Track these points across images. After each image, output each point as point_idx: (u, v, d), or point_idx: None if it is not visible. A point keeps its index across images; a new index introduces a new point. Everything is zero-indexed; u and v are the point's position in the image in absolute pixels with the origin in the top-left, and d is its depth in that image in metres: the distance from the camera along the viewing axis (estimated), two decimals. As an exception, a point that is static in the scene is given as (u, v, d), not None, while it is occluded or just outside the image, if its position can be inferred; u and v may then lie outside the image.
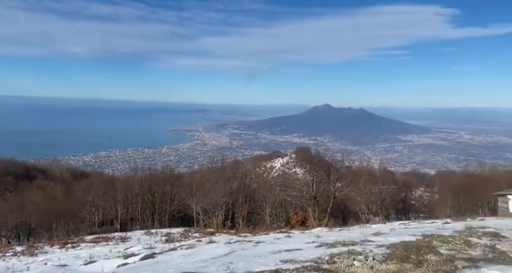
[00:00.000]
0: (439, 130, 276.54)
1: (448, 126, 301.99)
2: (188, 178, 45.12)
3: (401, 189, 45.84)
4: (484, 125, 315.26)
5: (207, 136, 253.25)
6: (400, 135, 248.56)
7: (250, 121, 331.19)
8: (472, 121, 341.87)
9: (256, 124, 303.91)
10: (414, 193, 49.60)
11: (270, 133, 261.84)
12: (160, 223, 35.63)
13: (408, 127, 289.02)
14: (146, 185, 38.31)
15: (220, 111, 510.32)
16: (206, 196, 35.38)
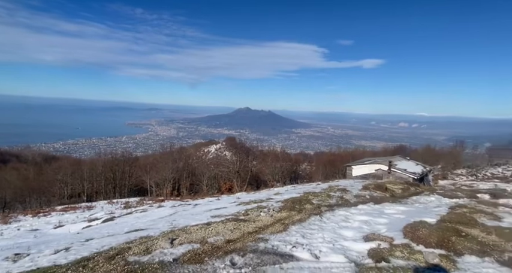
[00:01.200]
0: (317, 126, 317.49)
1: (321, 123, 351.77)
2: (143, 160, 45.03)
3: (294, 164, 51.12)
4: (341, 123, 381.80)
5: (159, 129, 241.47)
6: (293, 129, 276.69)
7: (193, 118, 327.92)
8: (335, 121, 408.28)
9: (197, 120, 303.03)
10: (301, 166, 55.19)
11: (207, 127, 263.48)
12: (121, 195, 35.43)
13: (299, 124, 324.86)
14: (108, 166, 37.65)
15: (169, 110, 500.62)
16: (158, 173, 36.23)
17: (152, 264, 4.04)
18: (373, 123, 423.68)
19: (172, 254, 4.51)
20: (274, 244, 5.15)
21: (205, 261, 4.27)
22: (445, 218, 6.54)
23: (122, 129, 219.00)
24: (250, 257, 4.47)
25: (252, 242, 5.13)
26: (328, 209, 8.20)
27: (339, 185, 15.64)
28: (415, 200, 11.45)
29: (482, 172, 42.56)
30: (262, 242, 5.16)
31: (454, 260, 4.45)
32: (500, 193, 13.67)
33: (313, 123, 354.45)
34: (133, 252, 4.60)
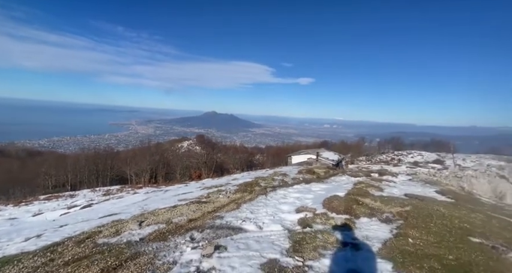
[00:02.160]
0: (267, 126, 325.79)
1: (271, 124, 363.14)
2: (124, 154, 40.57)
3: (250, 155, 51.84)
4: (285, 124, 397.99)
5: (139, 128, 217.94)
6: (250, 128, 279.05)
7: (168, 119, 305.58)
8: (280, 122, 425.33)
9: (172, 121, 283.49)
10: (255, 157, 55.43)
11: (180, 126, 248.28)
12: (103, 184, 31.53)
13: (254, 124, 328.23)
14: (91, 159, 33.64)
15: (148, 112, 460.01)
16: (137, 165, 33.57)
17: (119, 244, 3.61)
18: (307, 124, 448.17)
19: (139, 234, 4.09)
20: (228, 220, 5.01)
21: (169, 238, 3.96)
22: (350, 192, 7.06)
23: (105, 128, 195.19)
24: (207, 232, 4.27)
25: (210, 220, 4.92)
26: (272, 190, 8.22)
27: (281, 170, 15.64)
28: (333, 180, 12.12)
29: (374, 158, 47.45)
30: (219, 219, 4.98)
31: (354, 222, 4.81)
32: (384, 172, 15.27)
33: (265, 124, 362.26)
34: (104, 235, 4.07)
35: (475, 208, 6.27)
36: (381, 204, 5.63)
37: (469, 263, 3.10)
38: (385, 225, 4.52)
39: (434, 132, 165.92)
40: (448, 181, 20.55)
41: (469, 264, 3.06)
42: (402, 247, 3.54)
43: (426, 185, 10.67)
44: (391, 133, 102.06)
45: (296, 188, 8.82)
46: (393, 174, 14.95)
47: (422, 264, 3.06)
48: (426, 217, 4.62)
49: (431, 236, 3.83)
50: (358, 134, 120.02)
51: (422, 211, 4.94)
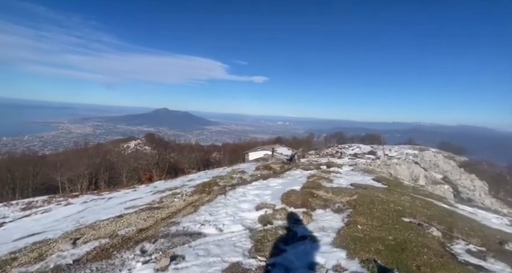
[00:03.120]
0: (224, 124, 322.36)
1: (227, 122, 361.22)
2: (53, 158, 33.67)
3: (206, 154, 50.25)
4: (241, 121, 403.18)
5: (72, 127, 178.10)
6: (206, 126, 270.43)
7: (111, 117, 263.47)
8: (237, 119, 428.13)
9: (115, 119, 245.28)
10: (212, 155, 54.06)
11: (126, 125, 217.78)
12: (23, 195, 26.34)
13: (210, 122, 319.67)
14: (4, 166, 26.95)
15: (85, 108, 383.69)
16: (71, 170, 28.08)
17: (44, 272, 2.89)
18: (262, 121, 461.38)
19: (73, 256, 3.37)
20: (185, 225, 4.62)
21: (113, 255, 3.38)
22: (305, 185, 7.44)
23: (25, 128, 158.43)
24: (161, 242, 3.83)
25: (164, 227, 4.45)
26: (231, 188, 8.00)
27: (239, 168, 15.42)
28: (288, 174, 12.63)
29: (322, 151, 52.03)
30: (174, 226, 4.55)
31: (310, 214, 5.05)
32: (331, 164, 16.77)
33: (221, 121, 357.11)
34: (20, 263, 3.23)
35: (403, 191, 7.41)
36: (332, 195, 6.08)
37: (404, 240, 3.57)
38: (338, 215, 4.88)
39: (369, 127, 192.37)
40: (380, 169, 23.96)
41: (404, 242, 3.52)
42: (353, 234, 3.85)
43: (365, 174, 12.12)
44: (335, 129, 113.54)
45: (255, 185, 8.84)
46: (338, 166, 16.53)
47: (369, 247, 3.37)
48: (370, 204, 5.20)
49: (375, 221, 4.29)
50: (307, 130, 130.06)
51: (366, 199, 5.55)
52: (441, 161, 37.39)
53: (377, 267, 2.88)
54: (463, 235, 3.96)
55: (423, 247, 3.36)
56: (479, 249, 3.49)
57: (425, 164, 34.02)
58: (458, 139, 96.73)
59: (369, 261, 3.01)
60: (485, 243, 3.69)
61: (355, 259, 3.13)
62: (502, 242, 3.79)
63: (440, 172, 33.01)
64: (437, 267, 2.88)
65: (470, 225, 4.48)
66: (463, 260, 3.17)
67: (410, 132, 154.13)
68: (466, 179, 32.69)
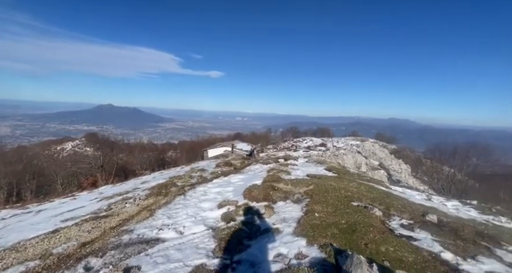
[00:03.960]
0: (179, 121, 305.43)
1: (183, 118, 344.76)
2: None
3: (161, 153, 47.19)
4: (198, 117, 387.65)
5: None
6: (159, 123, 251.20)
7: (38, 114, 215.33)
8: (193, 116, 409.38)
9: (44, 117, 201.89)
10: (168, 154, 51.21)
11: (59, 124, 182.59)
12: None
13: (164, 119, 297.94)
14: None
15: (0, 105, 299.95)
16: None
17: None
18: (220, 117, 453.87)
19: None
20: (140, 232, 4.20)
21: (48, 280, 2.82)
22: (265, 179, 7.61)
23: None
24: (111, 254, 3.38)
25: (114, 238, 3.95)
26: (191, 188, 7.64)
27: (198, 166, 14.95)
28: (249, 169, 12.74)
29: (279, 145, 54.31)
30: (127, 234, 4.08)
31: (272, 207, 5.19)
32: (288, 157, 17.65)
33: (176, 118, 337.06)
34: None
35: (350, 178, 8.30)
36: (291, 187, 6.38)
37: (354, 223, 3.99)
38: (297, 205, 5.15)
39: (319, 121, 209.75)
40: (330, 159, 26.36)
41: (354, 224, 3.93)
42: (311, 222, 4.12)
43: (318, 164, 13.12)
44: (291, 124, 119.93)
45: (216, 183, 8.64)
46: (295, 158, 17.50)
47: (326, 233, 3.66)
48: (324, 192, 5.64)
49: (330, 207, 4.68)
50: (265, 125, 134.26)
51: (321, 188, 6.00)
52: (377, 149, 43.46)
53: (333, 250, 3.14)
54: (397, 212, 4.66)
55: (369, 227, 3.81)
56: (409, 223, 4.16)
57: (366, 153, 39.04)
58: (389, 130, 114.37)
59: (326, 246, 3.25)
60: (413, 217, 4.43)
61: (315, 245, 3.34)
62: (424, 214, 4.61)
63: (377, 159, 38.36)
64: (380, 242, 3.30)
65: (402, 203, 5.32)
66: (399, 233, 3.73)
67: (353, 125, 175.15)
68: (395, 164, 38.85)
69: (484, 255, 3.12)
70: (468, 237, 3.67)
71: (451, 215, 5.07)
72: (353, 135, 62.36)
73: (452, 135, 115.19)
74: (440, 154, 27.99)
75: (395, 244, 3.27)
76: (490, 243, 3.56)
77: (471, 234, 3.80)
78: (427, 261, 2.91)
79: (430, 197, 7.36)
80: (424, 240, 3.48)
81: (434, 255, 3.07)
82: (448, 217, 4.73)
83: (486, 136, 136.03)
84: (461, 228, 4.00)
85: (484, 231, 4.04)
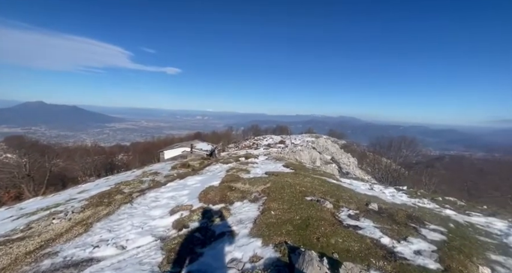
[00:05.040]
0: (131, 120, 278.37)
1: (135, 118, 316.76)
2: None
3: (109, 156, 42.42)
4: (153, 117, 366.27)
5: None
6: (106, 123, 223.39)
7: None
8: (148, 115, 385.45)
9: None
10: (118, 157, 46.62)
11: None
12: None
13: (112, 118, 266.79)
14: None
15: None
16: None
17: None
18: (178, 116, 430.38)
19: None
20: (68, 254, 3.49)
21: None
22: (223, 180, 7.36)
23: None
24: (23, 289, 2.69)
25: (29, 265, 3.18)
26: (140, 194, 6.86)
27: (152, 169, 13.81)
28: (208, 170, 12.24)
29: (240, 144, 54.44)
30: (49, 259, 3.34)
31: (229, 209, 4.99)
32: (249, 155, 17.70)
33: (128, 117, 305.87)
34: None
35: (306, 174, 8.68)
36: (249, 186, 6.28)
37: (307, 218, 4.09)
38: (254, 204, 5.06)
39: (278, 120, 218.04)
40: (288, 156, 27.52)
41: (307, 219, 4.04)
42: (267, 220, 4.07)
43: (277, 161, 13.46)
44: (252, 122, 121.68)
45: (170, 187, 7.99)
46: (255, 156, 17.64)
47: (281, 230, 3.64)
48: (281, 189, 5.71)
49: (285, 204, 4.73)
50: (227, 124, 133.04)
51: (278, 185, 6.07)
52: (330, 145, 47.36)
53: (287, 248, 3.12)
54: (345, 203, 5.00)
55: (321, 220, 3.95)
56: (355, 212, 4.49)
57: (320, 148, 42.13)
58: (340, 127, 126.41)
59: (281, 245, 3.22)
60: (358, 207, 4.81)
61: (270, 245, 3.28)
62: (367, 203, 5.06)
63: (329, 154, 41.78)
64: (331, 235, 3.44)
65: (349, 194, 5.76)
66: (347, 224, 3.97)
67: (309, 122, 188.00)
68: (345, 158, 43.01)
69: (413, 236, 3.54)
70: (401, 221, 4.14)
71: (388, 201, 5.71)
72: (309, 132, 66.62)
73: (388, 131, 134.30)
74: (380, 147, 32.14)
75: (343, 235, 3.44)
76: (417, 224, 4.08)
77: (403, 218, 4.30)
78: (369, 248, 3.13)
79: (372, 187, 8.23)
80: (367, 228, 3.77)
81: (375, 242, 3.33)
82: (386, 204, 5.30)
83: (412, 131, 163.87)
84: (396, 213, 4.50)
85: (413, 213, 4.63)
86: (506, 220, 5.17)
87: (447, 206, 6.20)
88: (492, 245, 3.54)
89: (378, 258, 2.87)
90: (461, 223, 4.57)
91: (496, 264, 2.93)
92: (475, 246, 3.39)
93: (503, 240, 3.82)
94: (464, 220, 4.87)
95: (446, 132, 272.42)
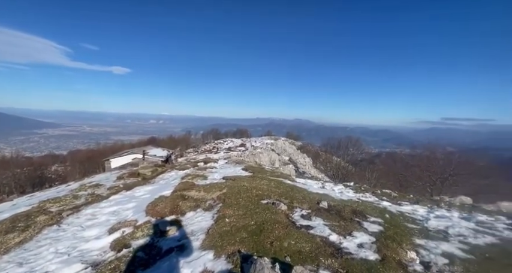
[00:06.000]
0: (69, 125, 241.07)
1: (75, 123, 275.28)
2: None
3: (38, 168, 35.73)
4: (98, 121, 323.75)
5: None
6: (36, 130, 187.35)
7: None
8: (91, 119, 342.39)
9: None
10: (51, 169, 39.64)
11: None
12: None
13: (43, 123, 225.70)
14: None
15: None
16: None
17: None
18: (129, 120, 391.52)
19: None
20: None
21: None
22: (176, 188, 6.81)
23: None
24: None
25: None
26: (73, 212, 5.81)
27: (92, 181, 12.06)
28: (161, 178, 11.29)
29: (200, 148, 52.56)
30: None
31: (180, 220, 4.58)
32: (208, 160, 17.06)
33: (64, 122, 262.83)
34: None
35: (263, 176, 8.74)
36: (204, 193, 5.94)
37: (262, 222, 4.03)
38: (208, 213, 4.77)
39: (238, 123, 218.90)
40: (249, 158, 27.65)
41: (262, 223, 3.97)
42: (221, 229, 3.85)
43: (237, 165, 13.30)
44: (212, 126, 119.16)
45: (113, 200, 7.01)
46: (215, 160, 17.11)
47: (235, 239, 3.48)
48: (237, 194, 5.55)
49: (241, 210, 4.59)
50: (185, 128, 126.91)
51: (234, 190, 5.90)
52: (287, 146, 49.64)
53: (240, 257, 2.97)
54: (299, 204, 5.15)
55: (275, 223, 3.93)
56: (307, 212, 4.65)
57: (279, 150, 43.72)
58: (296, 129, 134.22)
59: (234, 254, 3.05)
60: (310, 206, 5.00)
61: (222, 256, 3.08)
62: (318, 202, 5.33)
63: (287, 155, 43.68)
64: (284, 238, 3.43)
65: (303, 194, 5.98)
66: (299, 225, 4.05)
67: (268, 125, 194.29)
68: (301, 158, 45.60)
69: (356, 230, 3.82)
70: (347, 216, 4.45)
71: (337, 198, 6.13)
72: (268, 135, 68.60)
73: (337, 132, 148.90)
74: (330, 147, 35.16)
75: (296, 237, 3.48)
76: (360, 218, 4.44)
77: (349, 213, 4.64)
78: (319, 247, 3.22)
79: (324, 185, 8.80)
80: (318, 227, 3.92)
81: (324, 240, 3.46)
82: (335, 201, 5.67)
83: (357, 132, 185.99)
84: (343, 209, 4.83)
85: (357, 208, 5.06)
86: (426, 206, 6.12)
87: (384, 198, 7.02)
88: (416, 230, 4.09)
89: (326, 257, 2.96)
90: (394, 212, 5.20)
91: (419, 247, 3.36)
92: (404, 233, 3.85)
93: (424, 224, 4.47)
94: (397, 209, 5.56)
95: (382, 131, 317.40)
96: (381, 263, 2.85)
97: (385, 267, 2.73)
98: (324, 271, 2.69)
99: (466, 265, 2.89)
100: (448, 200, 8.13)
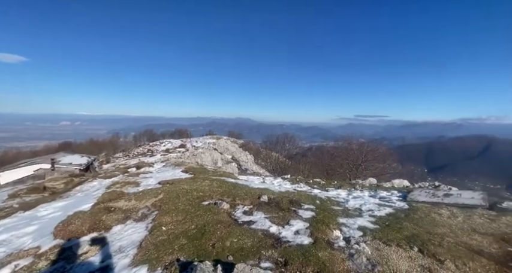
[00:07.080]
0: None
1: None
2: None
3: None
4: None
5: None
6: None
7: None
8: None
9: None
10: None
11: None
12: None
13: None
14: None
15: None
16: None
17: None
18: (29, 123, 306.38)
19: None
20: None
21: None
22: (99, 200, 5.73)
23: None
24: None
25: None
26: None
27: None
28: (78, 190, 9.36)
29: (132, 152, 46.47)
30: None
31: (104, 237, 3.86)
32: (142, 164, 15.24)
33: None
34: None
35: (205, 176, 8.42)
36: (135, 202, 5.21)
37: (204, 224, 3.85)
38: (141, 223, 4.20)
39: (177, 123, 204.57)
40: (189, 160, 26.23)
41: (204, 226, 3.79)
42: (157, 239, 3.45)
43: (176, 167, 12.35)
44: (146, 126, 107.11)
45: (1, 226, 5.30)
46: (150, 164, 15.41)
47: (173, 247, 3.18)
48: (175, 198, 5.11)
49: (180, 215, 4.24)
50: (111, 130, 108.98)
51: (172, 194, 5.42)
52: (230, 145, 49.79)
53: (179, 266, 2.72)
54: (241, 201, 5.19)
55: (217, 224, 3.82)
56: (249, 208, 4.74)
57: (221, 149, 43.31)
58: (238, 127, 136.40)
59: (172, 264, 2.78)
60: (252, 202, 5.12)
61: (158, 269, 2.76)
62: (260, 196, 5.51)
63: (230, 154, 43.83)
64: (226, 237, 3.36)
65: (245, 191, 6.07)
66: (242, 221, 4.07)
67: (210, 124, 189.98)
68: (243, 156, 46.66)
69: (293, 219, 4.14)
70: (285, 207, 4.77)
71: (276, 191, 6.51)
72: (210, 134, 66.96)
73: (275, 129, 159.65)
74: (270, 143, 37.35)
75: (238, 234, 3.47)
76: (296, 207, 4.84)
77: (287, 204, 4.99)
78: (260, 240, 3.31)
79: (264, 180, 9.21)
80: (259, 221, 4.03)
81: (265, 232, 3.59)
82: (274, 194, 6.00)
83: (292, 129, 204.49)
84: (281, 201, 5.16)
85: (293, 198, 5.50)
86: (346, 190, 7.27)
87: (315, 186, 7.94)
88: (340, 211, 4.78)
89: (267, 249, 3.07)
90: (323, 198, 5.93)
91: (342, 225, 3.94)
92: (331, 215, 4.44)
93: (345, 205, 5.28)
94: (325, 195, 6.37)
95: (312, 128, 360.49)
96: (313, 245, 3.17)
97: (317, 248, 3.05)
98: (264, 263, 2.77)
99: (374, 234, 3.56)
100: (361, 183, 9.94)
